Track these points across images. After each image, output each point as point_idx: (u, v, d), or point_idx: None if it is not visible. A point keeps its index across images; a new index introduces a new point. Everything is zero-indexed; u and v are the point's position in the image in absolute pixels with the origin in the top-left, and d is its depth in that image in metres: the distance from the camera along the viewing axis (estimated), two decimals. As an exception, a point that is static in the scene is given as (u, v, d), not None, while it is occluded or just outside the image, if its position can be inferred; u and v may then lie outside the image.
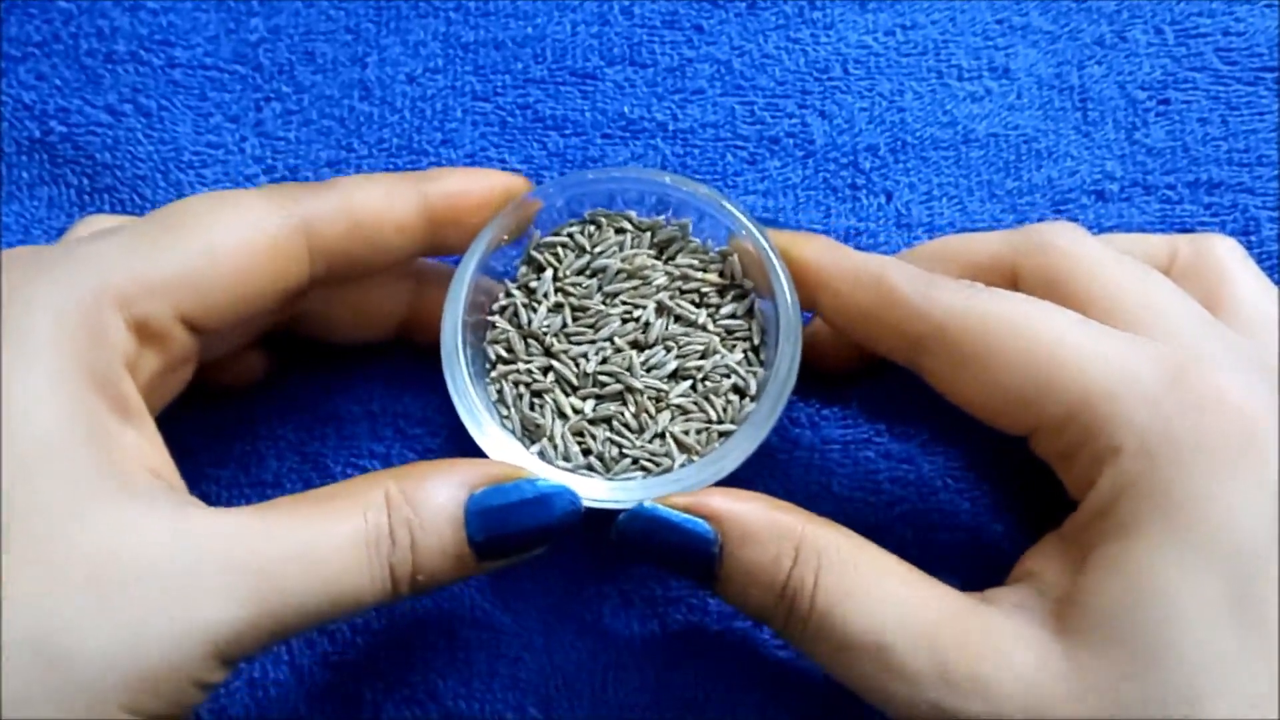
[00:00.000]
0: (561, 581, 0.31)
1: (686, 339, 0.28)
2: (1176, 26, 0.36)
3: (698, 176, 0.35)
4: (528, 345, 0.29)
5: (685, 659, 0.30)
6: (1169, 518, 0.22)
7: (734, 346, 0.29)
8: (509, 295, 0.29)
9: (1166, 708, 0.21)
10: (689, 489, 0.26)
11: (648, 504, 0.25)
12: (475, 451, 0.27)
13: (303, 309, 0.30)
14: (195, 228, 0.25)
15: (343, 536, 0.23)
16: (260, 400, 0.33)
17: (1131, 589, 0.22)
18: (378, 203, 0.27)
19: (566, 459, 0.28)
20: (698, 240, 0.30)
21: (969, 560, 0.30)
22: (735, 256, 0.29)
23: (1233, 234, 0.33)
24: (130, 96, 0.36)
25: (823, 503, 0.31)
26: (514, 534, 0.25)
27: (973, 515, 0.31)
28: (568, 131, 0.35)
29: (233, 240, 0.25)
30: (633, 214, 0.30)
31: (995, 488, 0.31)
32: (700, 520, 0.25)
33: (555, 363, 0.28)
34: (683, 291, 0.29)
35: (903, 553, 0.25)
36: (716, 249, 0.29)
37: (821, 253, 0.27)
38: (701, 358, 0.28)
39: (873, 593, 0.24)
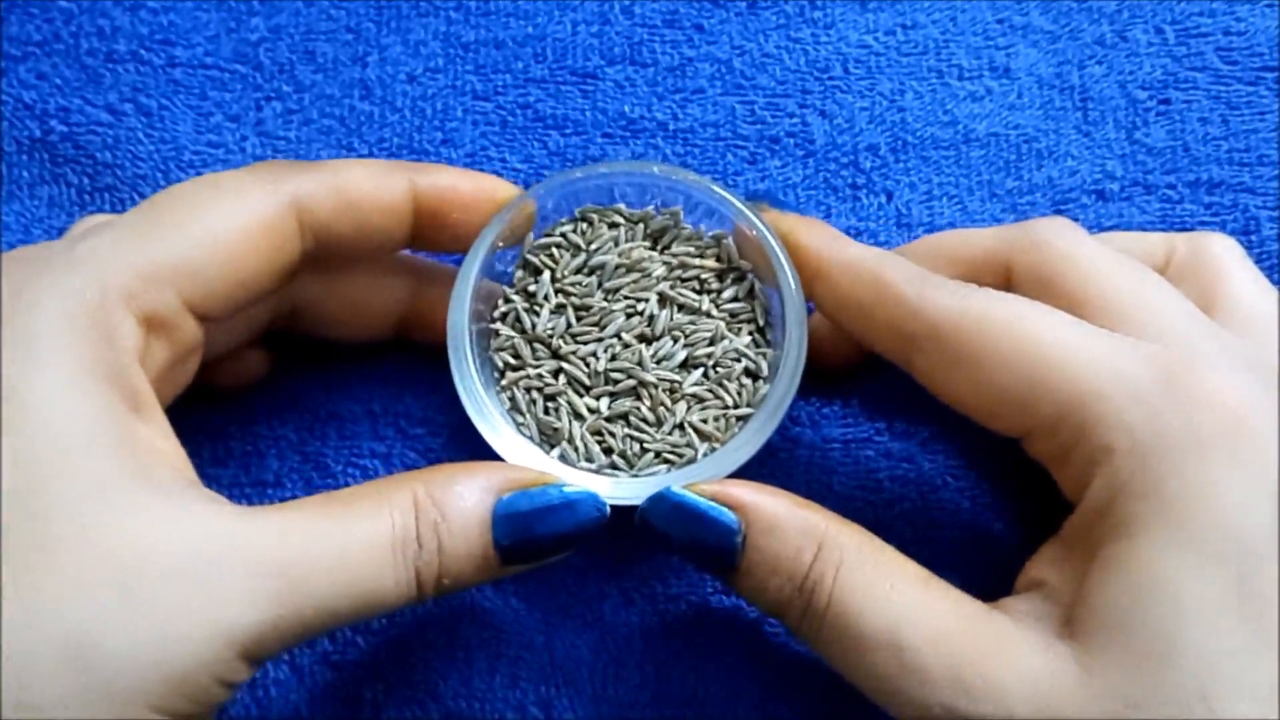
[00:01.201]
0: (562, 579, 0.31)
1: (693, 327, 0.28)
2: (1177, 26, 0.36)
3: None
4: (534, 349, 0.29)
5: (685, 657, 0.30)
6: (1166, 515, 0.22)
7: (740, 330, 0.29)
8: (508, 301, 0.29)
9: (1179, 706, 0.21)
10: (714, 477, 0.26)
11: (674, 488, 0.25)
12: (481, 448, 0.27)
13: (301, 302, 0.30)
14: (189, 214, 0.25)
15: (368, 538, 0.23)
16: (260, 400, 0.33)
17: (1135, 588, 0.22)
18: (367, 184, 0.27)
19: (589, 460, 0.28)
20: (690, 227, 0.30)
21: (969, 559, 0.30)
22: (730, 239, 0.29)
23: (1233, 234, 0.33)
24: (131, 96, 0.36)
25: (823, 502, 0.30)
26: (540, 539, 0.25)
27: (973, 514, 0.31)
28: (568, 131, 0.35)
29: (228, 222, 0.25)
30: (623, 207, 0.30)
31: (996, 487, 0.31)
32: (725, 509, 0.25)
33: (564, 364, 0.28)
34: (682, 280, 0.29)
35: (903, 551, 0.25)
36: (710, 234, 0.30)
37: (821, 242, 0.27)
38: (710, 344, 0.28)
39: (891, 593, 0.24)
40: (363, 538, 0.23)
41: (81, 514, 0.21)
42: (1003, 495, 0.31)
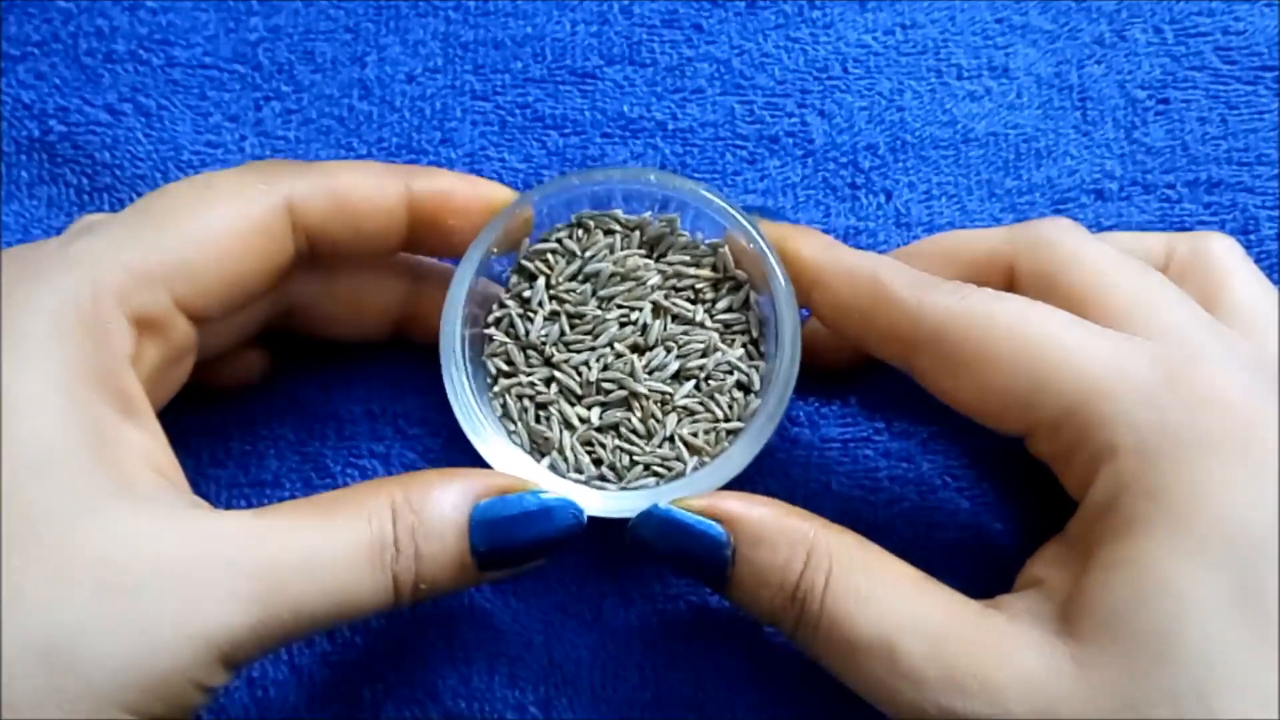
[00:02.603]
0: (561, 580, 0.31)
1: (686, 338, 0.28)
2: (1176, 26, 0.36)
3: (697, 176, 0.35)
4: (527, 357, 0.29)
5: (685, 658, 0.30)
6: (1170, 514, 0.22)
7: (733, 341, 0.29)
8: (503, 306, 0.29)
9: (1177, 705, 0.21)
10: (702, 492, 0.26)
11: (661, 505, 0.25)
12: (476, 451, 0.27)
13: (298, 302, 0.30)
14: (182, 214, 0.25)
15: (346, 543, 0.23)
16: (260, 400, 0.33)
17: (1136, 587, 0.22)
18: (361, 186, 0.27)
19: (579, 471, 0.28)
20: (687, 235, 0.29)
21: (969, 559, 0.30)
22: (726, 249, 0.29)
23: (1232, 233, 0.33)
24: (130, 96, 0.35)
25: (822, 501, 0.31)
26: (516, 545, 0.25)
27: (973, 514, 0.31)
28: (567, 131, 0.35)
29: (221, 222, 0.25)
30: (619, 213, 0.29)
31: (995, 486, 0.31)
32: (713, 523, 0.25)
33: (557, 373, 0.28)
34: (677, 289, 0.29)
35: (902, 552, 0.25)
36: (706, 242, 0.29)
37: (817, 250, 0.27)
38: (703, 356, 0.28)
39: (883, 596, 0.24)
40: (341, 542, 0.23)
41: (59, 517, 0.21)
42: (1003, 495, 0.31)
